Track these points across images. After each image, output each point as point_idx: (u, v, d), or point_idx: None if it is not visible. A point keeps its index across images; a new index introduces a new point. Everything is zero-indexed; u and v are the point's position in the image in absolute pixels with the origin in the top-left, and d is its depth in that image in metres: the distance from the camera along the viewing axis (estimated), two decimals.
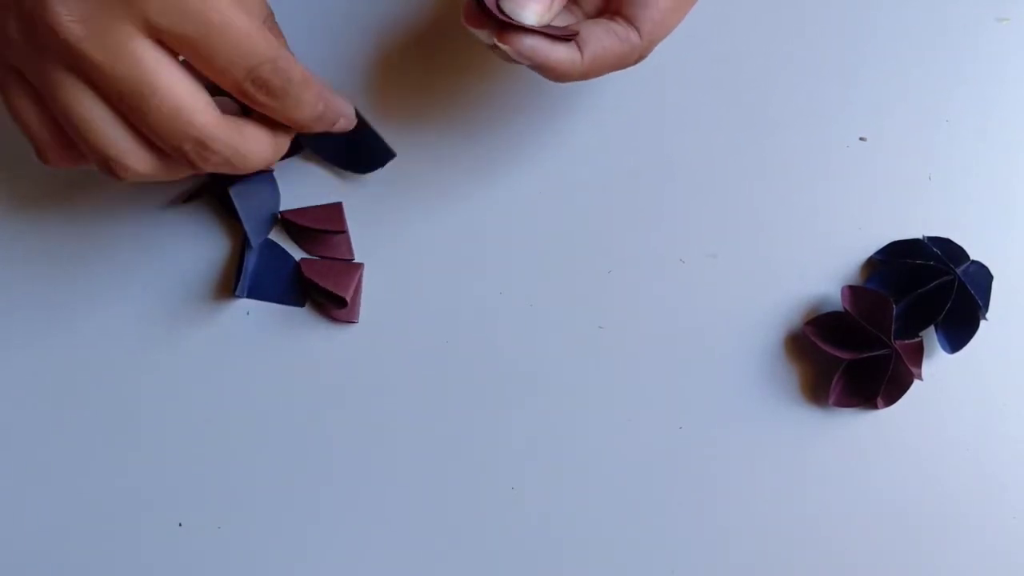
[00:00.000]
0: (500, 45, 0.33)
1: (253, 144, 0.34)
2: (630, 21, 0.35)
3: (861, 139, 0.44)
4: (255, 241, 0.40)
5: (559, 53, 0.33)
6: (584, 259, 0.42)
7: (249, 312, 0.41)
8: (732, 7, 0.44)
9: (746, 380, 0.42)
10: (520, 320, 0.41)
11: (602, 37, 0.34)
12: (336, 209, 0.41)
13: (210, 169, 0.34)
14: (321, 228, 0.40)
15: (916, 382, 0.41)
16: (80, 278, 0.41)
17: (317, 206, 0.41)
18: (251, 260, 0.40)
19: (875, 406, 0.41)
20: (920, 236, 0.42)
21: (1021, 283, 0.43)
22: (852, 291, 0.41)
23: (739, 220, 0.43)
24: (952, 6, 0.45)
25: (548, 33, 0.33)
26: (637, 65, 0.36)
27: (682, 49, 0.44)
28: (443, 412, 0.41)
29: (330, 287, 0.40)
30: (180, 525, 0.39)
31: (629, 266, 0.42)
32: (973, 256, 0.42)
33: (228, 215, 0.41)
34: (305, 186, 0.42)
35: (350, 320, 0.41)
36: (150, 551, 0.39)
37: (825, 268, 0.43)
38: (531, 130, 0.43)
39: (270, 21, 0.35)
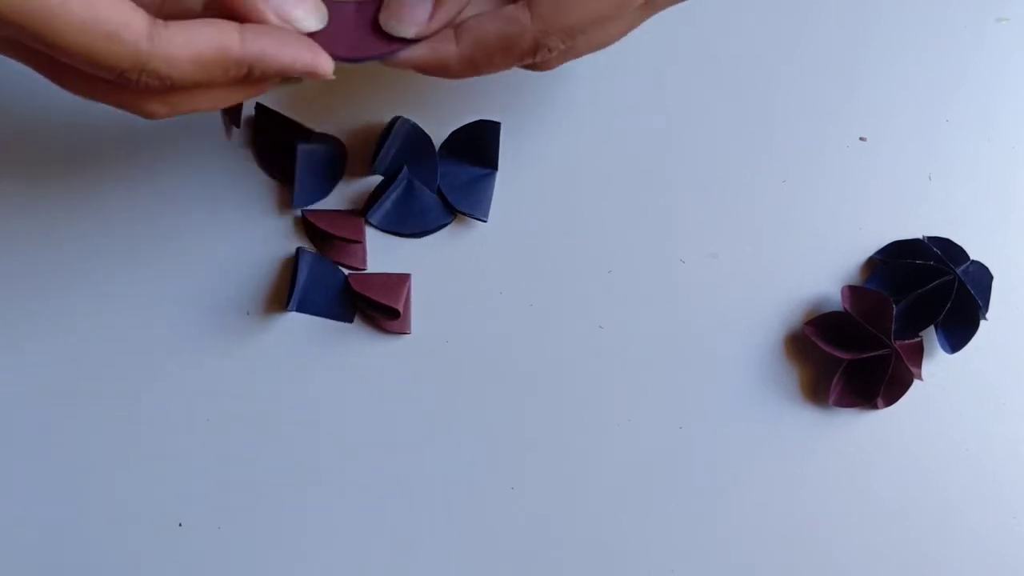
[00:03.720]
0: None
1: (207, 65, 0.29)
2: (528, 3, 0.32)
3: (861, 139, 0.44)
4: (298, 204, 0.40)
5: (420, 52, 0.32)
6: (584, 259, 0.42)
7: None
8: (732, 7, 0.44)
9: (746, 380, 0.42)
10: (520, 320, 0.41)
11: (485, 23, 0.32)
12: (357, 221, 0.41)
13: (167, 109, 0.30)
14: (339, 235, 0.40)
15: (916, 382, 0.41)
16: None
17: (338, 211, 0.41)
18: (302, 274, 0.40)
19: (875, 406, 0.41)
20: (920, 236, 0.42)
21: (1021, 283, 0.43)
22: (852, 291, 0.41)
23: (739, 220, 0.43)
24: (952, 6, 0.45)
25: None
26: (638, 65, 0.35)
27: (682, 49, 0.44)
28: (442, 412, 0.41)
29: (382, 299, 0.40)
30: (180, 525, 0.39)
31: (629, 266, 0.42)
32: (973, 256, 0.42)
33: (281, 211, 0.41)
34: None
35: (403, 331, 0.41)
36: (150, 551, 0.39)
37: (825, 268, 0.43)
38: (531, 130, 0.43)
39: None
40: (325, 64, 0.31)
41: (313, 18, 0.31)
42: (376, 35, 0.32)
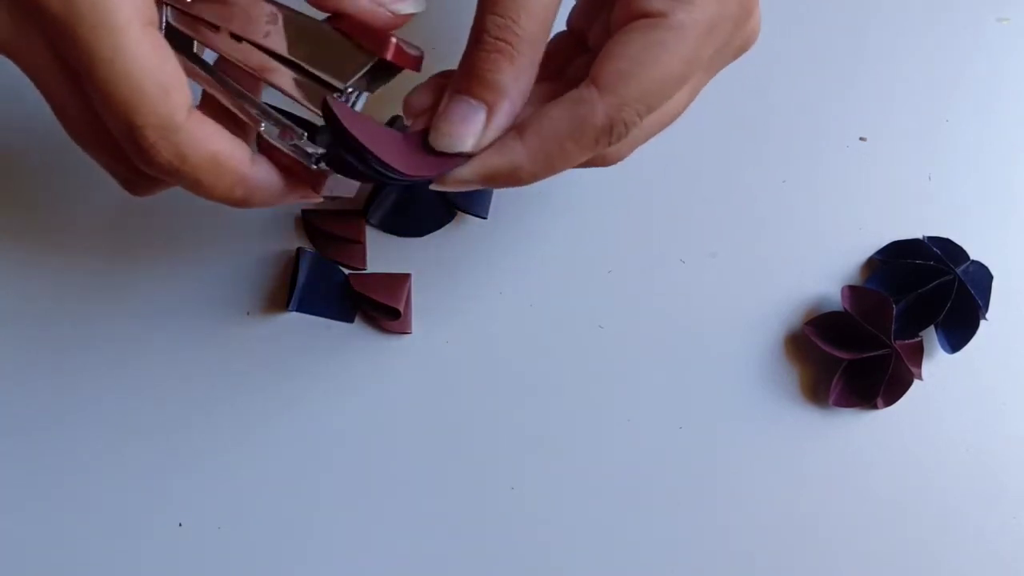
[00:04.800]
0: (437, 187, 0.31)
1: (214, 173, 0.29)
2: (593, 82, 0.29)
3: (861, 139, 0.44)
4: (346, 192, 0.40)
5: (486, 160, 0.30)
6: (584, 259, 0.42)
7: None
8: None
9: (746, 380, 0.42)
10: (520, 320, 0.41)
11: (549, 110, 0.30)
12: (357, 221, 0.41)
13: (156, 171, 0.29)
14: (339, 235, 0.40)
15: (916, 382, 0.41)
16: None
17: (338, 211, 0.41)
18: (302, 274, 0.40)
19: (875, 406, 0.41)
20: (920, 236, 0.42)
21: (1021, 283, 0.43)
22: (852, 291, 0.41)
23: (739, 220, 0.43)
24: (952, 6, 0.45)
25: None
26: None
27: None
28: (442, 411, 0.41)
29: (383, 299, 0.40)
30: (180, 525, 0.39)
31: (629, 266, 0.42)
32: (973, 256, 0.42)
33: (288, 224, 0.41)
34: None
35: (403, 331, 0.41)
36: (150, 551, 0.39)
37: (825, 268, 0.43)
38: None
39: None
40: (314, 199, 0.31)
41: (411, 3, 0.30)
42: (433, 154, 0.30)
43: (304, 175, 0.31)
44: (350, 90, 0.30)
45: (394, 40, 0.29)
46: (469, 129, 0.30)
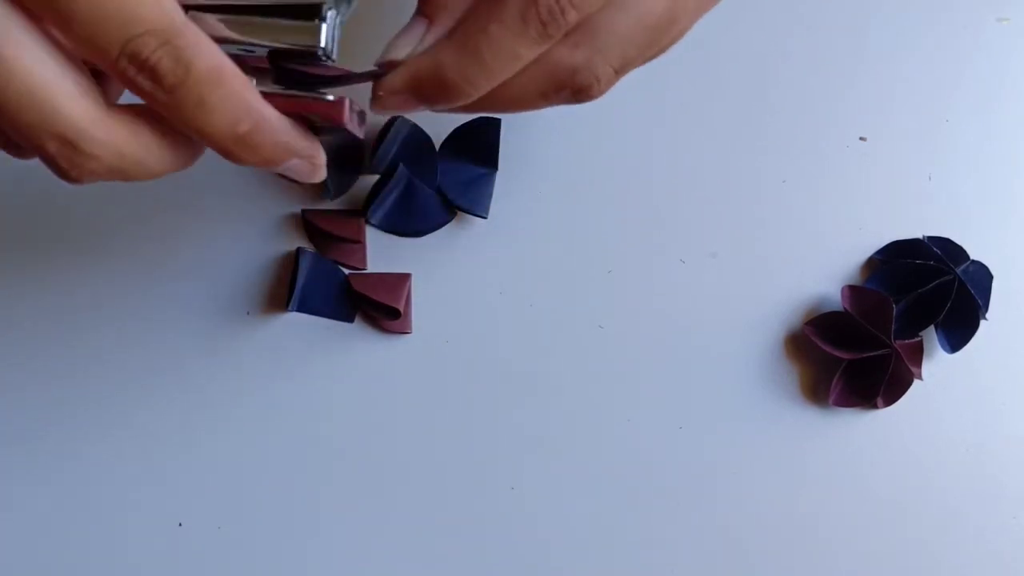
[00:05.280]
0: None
1: (149, 148, 0.25)
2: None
3: (861, 139, 0.44)
4: (333, 193, 0.40)
5: (404, 68, 0.27)
6: (584, 259, 0.42)
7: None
8: (732, 7, 0.44)
9: (746, 380, 0.42)
10: (520, 320, 0.41)
11: None
12: (357, 221, 0.41)
13: (89, 179, 0.25)
14: (339, 235, 0.40)
15: (916, 382, 0.41)
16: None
17: (338, 211, 0.41)
18: (302, 274, 0.40)
19: (875, 406, 0.41)
20: (920, 236, 0.42)
21: (1021, 283, 0.43)
22: (852, 291, 0.41)
23: (739, 220, 0.43)
24: (952, 6, 0.45)
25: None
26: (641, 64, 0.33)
27: (682, 49, 0.44)
28: (442, 411, 0.41)
29: (383, 299, 0.40)
30: (180, 525, 0.39)
31: (629, 266, 0.42)
32: (973, 256, 0.42)
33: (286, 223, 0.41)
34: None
35: (403, 331, 0.41)
36: (150, 551, 0.39)
37: (825, 268, 0.43)
38: (531, 129, 0.43)
39: None
40: (320, 158, 0.28)
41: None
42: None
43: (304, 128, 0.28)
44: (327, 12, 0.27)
45: None
46: (405, 39, 0.27)
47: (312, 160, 0.28)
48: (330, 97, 0.27)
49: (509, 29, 0.26)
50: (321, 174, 0.28)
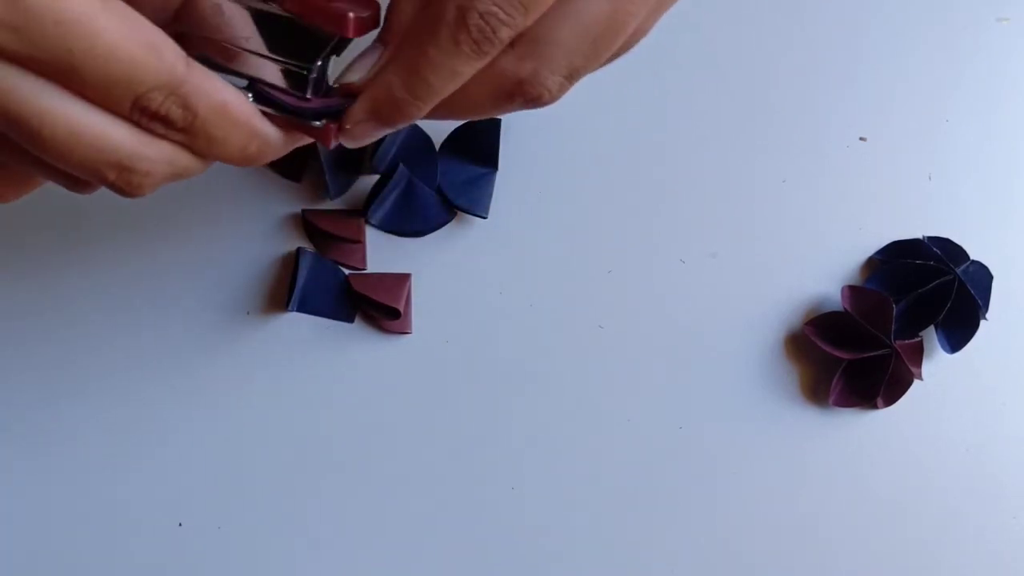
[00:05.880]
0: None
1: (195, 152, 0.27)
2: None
3: (861, 139, 0.44)
4: (333, 193, 0.40)
5: (363, 98, 0.29)
6: (584, 259, 0.42)
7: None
8: (732, 7, 0.44)
9: (746, 380, 0.42)
10: (520, 320, 0.41)
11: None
12: (357, 221, 0.41)
13: (152, 190, 0.28)
14: (339, 235, 0.41)
15: (916, 382, 0.41)
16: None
17: (338, 211, 0.41)
18: (302, 274, 0.40)
19: (875, 406, 0.41)
20: (920, 236, 0.42)
21: (1021, 283, 0.43)
22: (852, 291, 0.41)
23: (739, 220, 0.43)
24: (952, 6, 0.45)
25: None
26: (638, 65, 0.33)
27: (682, 49, 0.44)
28: (442, 411, 0.41)
29: (383, 299, 0.40)
30: (180, 525, 0.39)
31: (629, 266, 0.42)
32: (973, 256, 0.42)
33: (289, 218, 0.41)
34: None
35: (403, 331, 0.41)
36: (150, 551, 0.39)
37: (825, 268, 0.43)
38: (531, 129, 0.43)
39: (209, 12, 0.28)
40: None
41: None
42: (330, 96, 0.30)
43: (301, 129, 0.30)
44: (319, 64, 0.29)
45: (351, 15, 0.28)
46: (360, 64, 0.29)
47: (312, 136, 0.30)
48: (318, 123, 0.30)
49: (444, 50, 0.27)
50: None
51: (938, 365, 0.42)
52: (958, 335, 0.41)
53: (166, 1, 0.29)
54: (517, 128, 0.42)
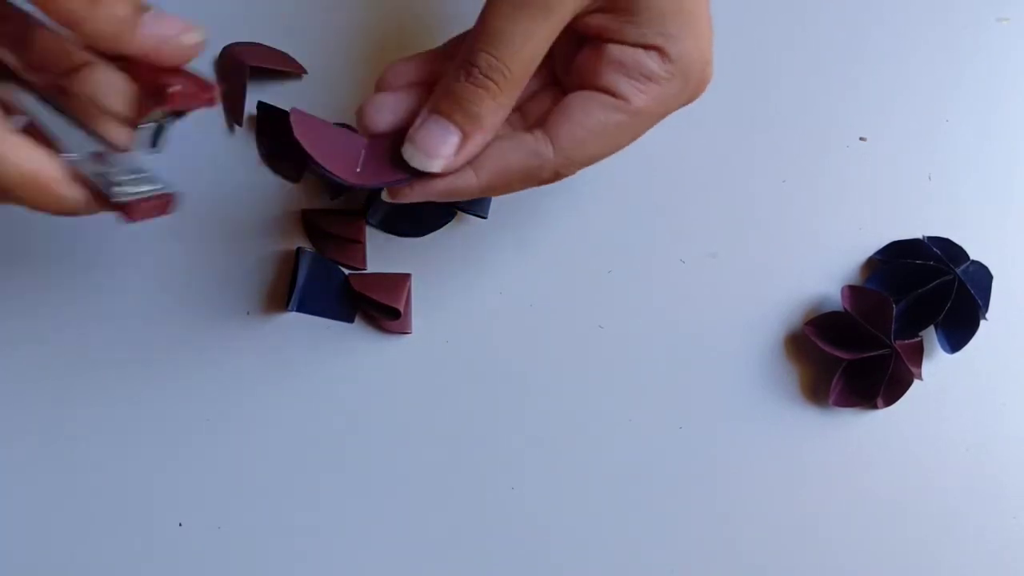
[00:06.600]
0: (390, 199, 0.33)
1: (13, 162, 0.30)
2: (548, 134, 0.33)
3: (861, 139, 0.44)
4: (333, 193, 0.40)
5: (441, 185, 0.33)
6: (584, 259, 0.42)
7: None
8: (732, 7, 0.44)
9: (746, 380, 0.42)
10: (520, 320, 0.41)
11: (506, 153, 0.33)
12: (357, 221, 0.41)
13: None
14: (339, 235, 0.41)
15: (916, 382, 0.41)
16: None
17: (338, 211, 0.41)
18: (302, 274, 0.40)
19: (875, 406, 0.41)
20: (920, 236, 0.42)
21: (1021, 283, 0.43)
22: (852, 291, 0.41)
23: (739, 220, 0.43)
24: (952, 6, 0.45)
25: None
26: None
27: None
28: (442, 411, 0.41)
29: (383, 299, 0.40)
30: (180, 525, 0.39)
31: (629, 266, 0.42)
32: (973, 256, 0.42)
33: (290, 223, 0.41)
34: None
35: (403, 331, 0.41)
36: (150, 551, 0.39)
37: (825, 268, 0.43)
38: None
39: None
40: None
41: (194, 34, 0.31)
42: (393, 164, 0.32)
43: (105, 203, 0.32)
44: (151, 125, 0.32)
45: (177, 87, 0.30)
46: (442, 151, 0.32)
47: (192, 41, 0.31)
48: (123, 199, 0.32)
49: (528, 186, 0.34)
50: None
51: (938, 365, 0.42)
52: (958, 335, 0.41)
53: None
54: None
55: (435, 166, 0.32)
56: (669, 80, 0.33)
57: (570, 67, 0.35)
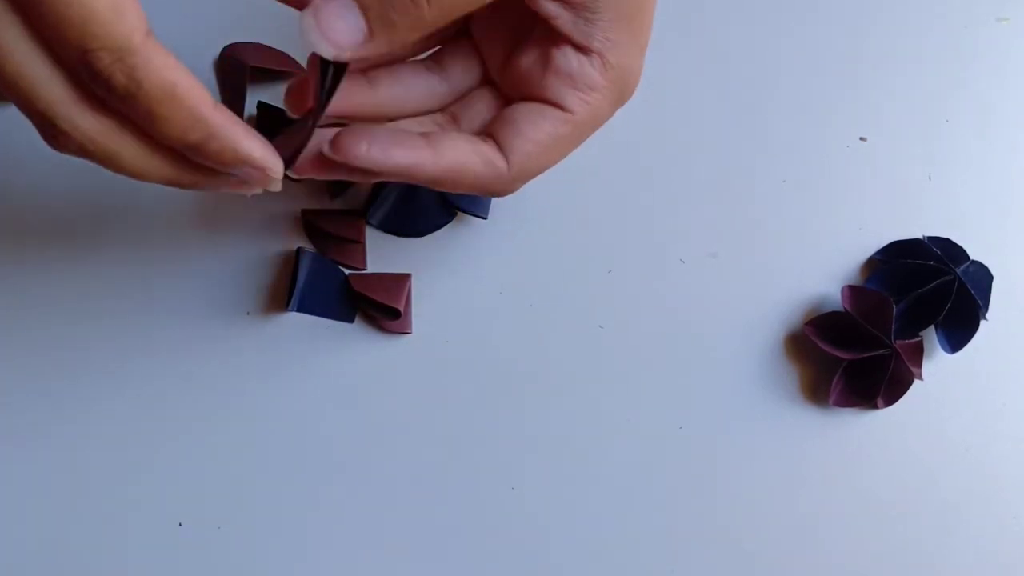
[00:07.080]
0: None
1: (123, 146, 0.28)
2: (501, 146, 0.33)
3: (861, 139, 0.44)
4: (333, 193, 0.40)
5: (400, 154, 0.31)
6: (584, 259, 0.42)
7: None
8: (732, 7, 0.44)
9: (746, 380, 0.42)
10: (520, 320, 0.41)
11: (468, 152, 0.32)
12: (357, 221, 0.41)
13: (67, 152, 0.28)
14: (339, 235, 0.41)
15: (916, 382, 0.41)
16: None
17: (338, 211, 0.41)
18: (302, 274, 0.40)
19: (875, 406, 0.41)
20: (920, 236, 0.42)
21: (1021, 283, 0.43)
22: (852, 291, 0.41)
23: (739, 220, 0.43)
24: (952, 6, 0.45)
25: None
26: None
27: (682, 49, 0.44)
28: (442, 411, 0.41)
29: (383, 299, 0.40)
30: (180, 525, 0.39)
31: (629, 266, 0.42)
32: (973, 256, 0.42)
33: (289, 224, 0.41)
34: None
35: (403, 331, 0.41)
36: (150, 551, 0.39)
37: (825, 268, 0.43)
38: None
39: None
40: (276, 168, 0.29)
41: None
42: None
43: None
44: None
45: None
46: (342, 39, 0.28)
47: (266, 171, 0.29)
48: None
49: (480, 192, 0.35)
50: (274, 185, 0.30)
51: (938, 365, 0.42)
52: (958, 335, 0.41)
53: None
54: None
55: (324, 49, 0.28)
56: (608, 89, 0.33)
57: (507, 68, 0.34)
